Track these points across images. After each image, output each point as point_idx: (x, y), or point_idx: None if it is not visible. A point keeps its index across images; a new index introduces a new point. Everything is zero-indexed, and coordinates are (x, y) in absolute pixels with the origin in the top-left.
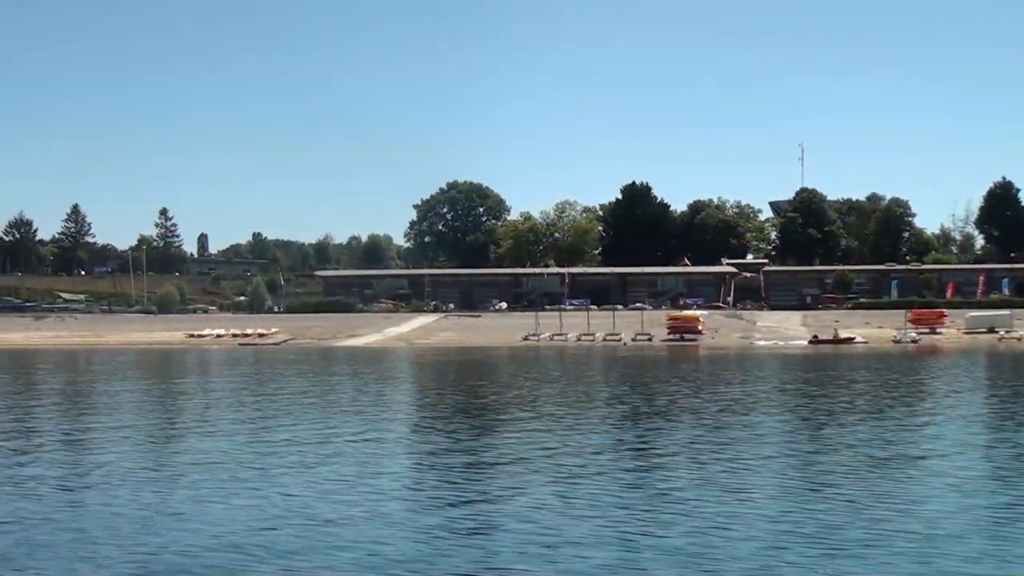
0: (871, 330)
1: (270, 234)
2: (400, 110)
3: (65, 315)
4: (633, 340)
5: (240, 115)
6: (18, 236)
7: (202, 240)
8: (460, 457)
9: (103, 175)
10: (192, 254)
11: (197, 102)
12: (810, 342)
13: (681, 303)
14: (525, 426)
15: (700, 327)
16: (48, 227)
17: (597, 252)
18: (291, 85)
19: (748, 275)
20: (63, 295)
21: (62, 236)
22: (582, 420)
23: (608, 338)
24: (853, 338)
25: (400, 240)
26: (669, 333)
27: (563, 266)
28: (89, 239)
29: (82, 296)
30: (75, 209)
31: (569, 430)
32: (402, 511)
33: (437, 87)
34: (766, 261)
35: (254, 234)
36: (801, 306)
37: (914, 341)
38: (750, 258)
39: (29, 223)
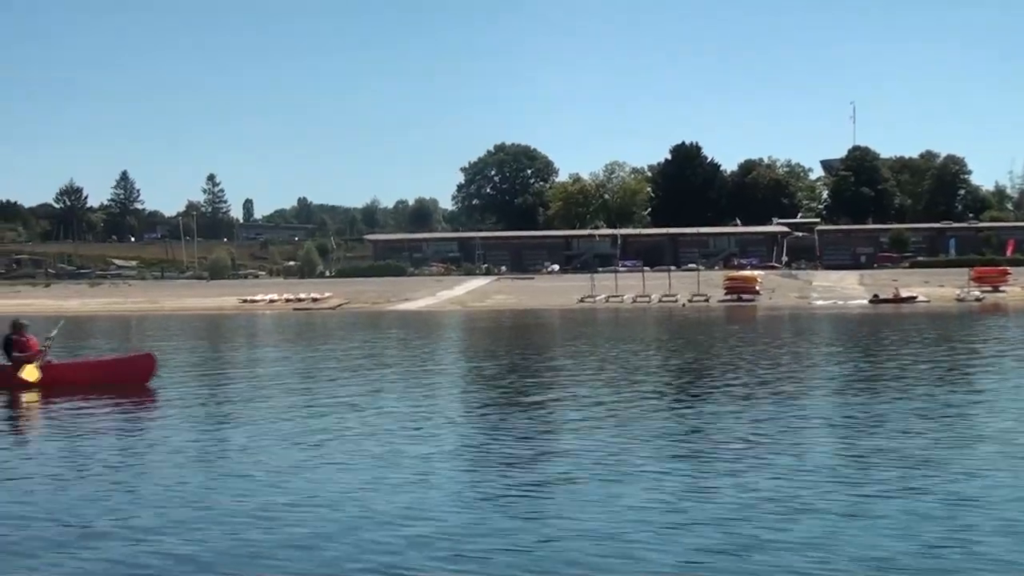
0: (932, 289)
1: (315, 199)
2: (446, 73)
3: (119, 281)
4: (690, 301)
5: (281, 81)
6: (68, 203)
7: (247, 206)
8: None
9: (149, 142)
10: (238, 220)
11: (240, 68)
12: (871, 301)
13: (736, 263)
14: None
15: (758, 287)
16: (97, 194)
17: (647, 213)
18: (334, 50)
19: (800, 235)
20: (116, 262)
21: (111, 203)
22: (682, 386)
23: (664, 299)
24: (915, 297)
25: (447, 204)
26: (726, 294)
27: (612, 228)
28: (138, 206)
29: (134, 263)
30: (124, 176)
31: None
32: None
33: (483, 49)
34: (818, 220)
35: (299, 199)
36: (855, 265)
37: (978, 300)
38: (800, 217)
39: (79, 191)
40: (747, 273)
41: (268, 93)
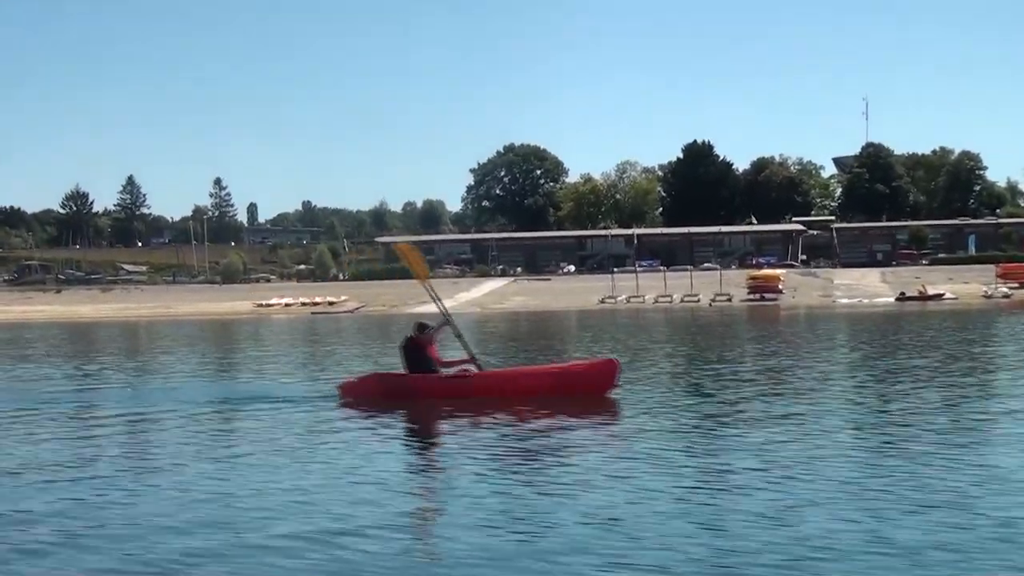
0: (957, 286)
1: (319, 202)
2: (453, 72)
3: (130, 287)
4: (713, 301)
5: (284, 82)
6: (75, 209)
7: (251, 210)
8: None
9: (149, 146)
10: (243, 223)
11: (242, 69)
12: (897, 299)
13: (754, 262)
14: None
15: (781, 286)
16: (102, 199)
17: (659, 212)
18: (339, 52)
19: (815, 232)
20: (125, 267)
21: (117, 208)
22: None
23: (687, 299)
24: (942, 294)
25: (453, 206)
26: (749, 293)
27: (624, 228)
28: (144, 210)
29: (144, 268)
30: (130, 180)
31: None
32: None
33: (491, 49)
34: (833, 218)
35: (304, 202)
36: (872, 263)
37: (1006, 296)
38: (813, 215)
39: (85, 196)
40: (770, 272)
41: (270, 95)
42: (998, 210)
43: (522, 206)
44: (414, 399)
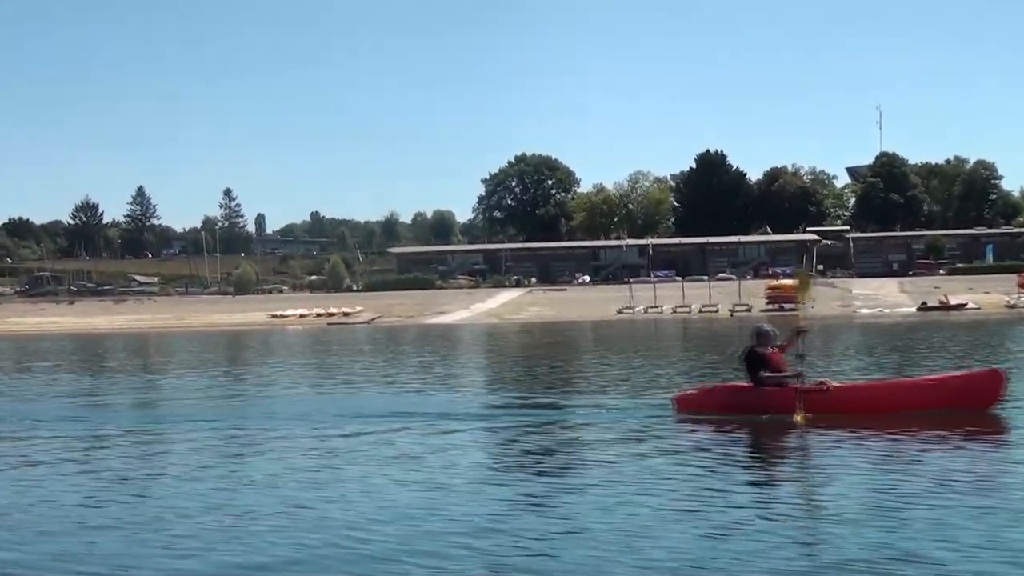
0: (978, 296)
1: (326, 213)
2: (461, 82)
3: (143, 298)
4: (732, 312)
5: (292, 93)
6: (84, 220)
7: (260, 220)
8: None
9: (155, 157)
10: (252, 234)
11: (249, 79)
12: (919, 309)
13: (771, 272)
14: None
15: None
16: (111, 211)
17: (671, 222)
18: (347, 62)
19: (829, 242)
20: (137, 278)
21: (127, 219)
22: None
23: (705, 309)
24: (965, 304)
25: (463, 216)
26: (768, 303)
27: (637, 238)
28: (155, 221)
29: (155, 278)
30: (140, 191)
31: None
32: None
33: (502, 58)
34: (848, 228)
35: (312, 213)
36: (888, 273)
37: None
38: (826, 225)
39: (95, 206)
40: (788, 282)
41: (276, 105)
42: (1021, 217)
43: (534, 216)
44: (764, 413)
